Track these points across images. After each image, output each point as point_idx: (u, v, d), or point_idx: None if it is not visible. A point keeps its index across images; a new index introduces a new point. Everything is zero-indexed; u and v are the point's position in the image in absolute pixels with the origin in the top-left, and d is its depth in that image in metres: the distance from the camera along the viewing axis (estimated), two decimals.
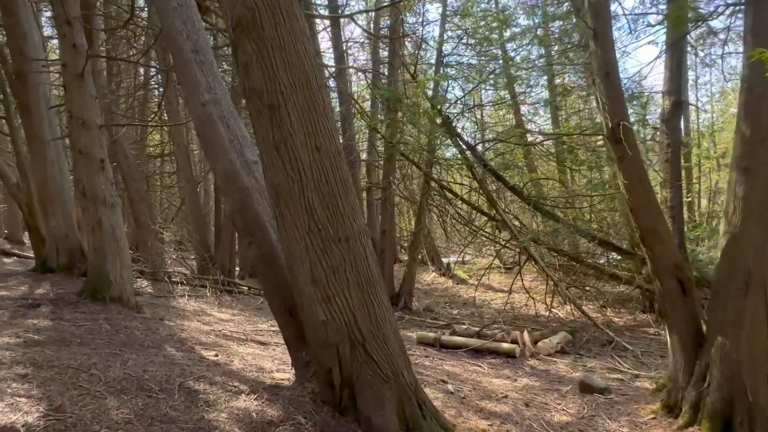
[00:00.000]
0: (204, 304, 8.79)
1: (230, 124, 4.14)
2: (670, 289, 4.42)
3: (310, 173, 3.12)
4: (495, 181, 10.65)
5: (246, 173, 4.00)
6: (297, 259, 3.22)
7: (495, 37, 10.81)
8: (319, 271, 3.18)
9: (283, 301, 3.80)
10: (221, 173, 4.01)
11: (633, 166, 4.48)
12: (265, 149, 3.17)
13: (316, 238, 3.15)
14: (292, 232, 3.19)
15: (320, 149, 3.14)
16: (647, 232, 4.46)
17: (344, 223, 3.19)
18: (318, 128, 3.14)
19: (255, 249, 3.86)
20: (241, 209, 3.90)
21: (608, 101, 4.51)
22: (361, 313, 3.24)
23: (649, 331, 9.40)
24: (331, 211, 3.16)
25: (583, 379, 5.63)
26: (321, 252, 3.16)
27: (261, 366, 4.73)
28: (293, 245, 3.21)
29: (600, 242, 10.22)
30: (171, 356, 4.58)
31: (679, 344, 4.40)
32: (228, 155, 4.00)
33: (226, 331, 6.50)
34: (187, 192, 12.53)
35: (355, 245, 3.23)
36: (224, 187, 4.00)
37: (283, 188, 3.15)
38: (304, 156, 3.11)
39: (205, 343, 5.44)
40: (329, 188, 3.15)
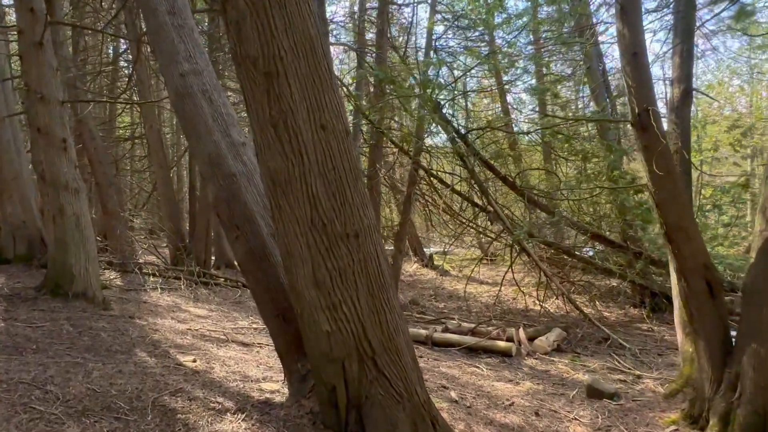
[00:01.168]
0: (178, 297, 8.18)
1: (214, 99, 3.58)
2: (698, 291, 4.06)
3: (313, 156, 2.61)
4: (485, 171, 10.27)
5: (232, 156, 3.46)
6: (297, 258, 2.71)
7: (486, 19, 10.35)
8: (323, 273, 2.68)
9: (276, 305, 3.29)
10: (203, 156, 3.45)
11: (661, 156, 4.08)
12: (259, 127, 2.64)
13: (321, 233, 2.65)
14: (291, 226, 2.68)
15: (326, 128, 2.63)
16: (674, 228, 4.09)
17: (353, 216, 2.70)
18: (323, 102, 2.63)
19: (243, 244, 3.33)
20: (227, 198, 3.36)
21: (635, 84, 4.10)
22: (372, 322, 2.76)
23: (642, 327, 9.19)
24: (339, 202, 2.66)
25: (591, 384, 5.29)
26: (326, 250, 2.66)
27: (246, 373, 4.22)
28: (292, 242, 2.70)
29: (592, 235, 9.95)
30: (143, 363, 4.02)
31: (706, 351, 4.06)
32: (211, 135, 3.45)
33: (204, 330, 5.94)
34: (159, 177, 11.79)
35: (366, 242, 2.74)
36: (207, 173, 3.45)
37: (282, 174, 2.63)
38: (306, 136, 2.60)
39: (182, 346, 4.88)
40: (336, 174, 2.65)
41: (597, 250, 10.81)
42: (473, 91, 11.86)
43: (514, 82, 15.00)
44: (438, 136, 11.86)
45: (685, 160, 6.35)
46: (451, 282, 14.90)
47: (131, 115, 17.99)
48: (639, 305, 10.33)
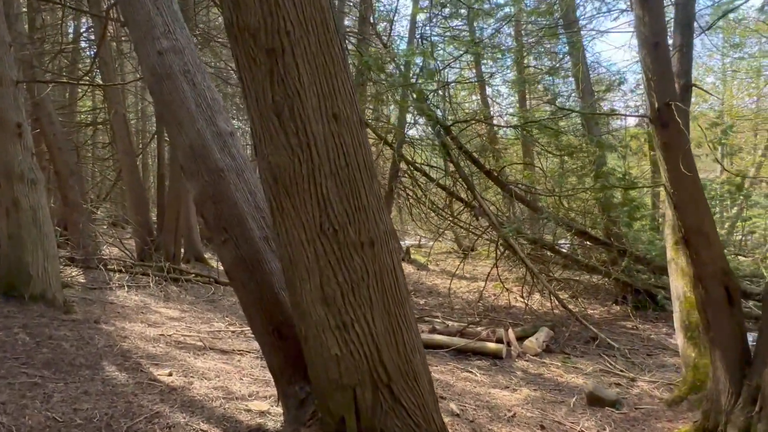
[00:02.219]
0: (147, 296, 7.62)
1: (197, 81, 3.12)
2: (716, 298, 3.84)
3: (324, 151, 2.21)
4: (469, 165, 9.98)
5: (219, 148, 3.01)
6: (302, 270, 2.32)
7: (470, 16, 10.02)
8: (333, 287, 2.30)
9: (270, 319, 2.88)
10: (185, 148, 2.99)
11: (680, 154, 3.82)
12: (259, 115, 2.23)
13: (331, 241, 2.26)
14: (295, 232, 2.28)
15: (338, 117, 2.24)
16: (693, 231, 3.84)
17: (368, 221, 2.32)
18: (336, 87, 2.23)
19: (231, 249, 2.90)
20: (213, 196, 2.92)
21: (656, 77, 3.82)
22: (387, 343, 2.39)
23: (627, 325, 9.11)
24: (353, 206, 2.27)
25: (592, 391, 5.06)
26: (337, 261, 2.28)
27: (229, 389, 3.80)
28: (297, 251, 2.30)
29: (577, 232, 9.81)
30: (112, 380, 3.56)
31: (723, 361, 3.85)
32: (195, 123, 3.00)
33: (178, 335, 5.45)
34: (125, 165, 11.07)
35: (381, 252, 2.36)
36: (189, 166, 2.99)
37: (286, 171, 2.22)
38: (316, 126, 2.19)
39: (155, 356, 4.41)
40: (350, 173, 2.26)
41: (576, 245, 10.70)
42: (458, 82, 11.52)
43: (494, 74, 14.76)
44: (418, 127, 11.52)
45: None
46: (429, 277, 14.64)
47: (93, 99, 17.00)
48: (621, 302, 10.27)
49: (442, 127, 9.31)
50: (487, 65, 15.29)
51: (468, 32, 12.87)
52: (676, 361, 7.08)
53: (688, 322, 5.33)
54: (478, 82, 14.50)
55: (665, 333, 8.73)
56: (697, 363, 4.99)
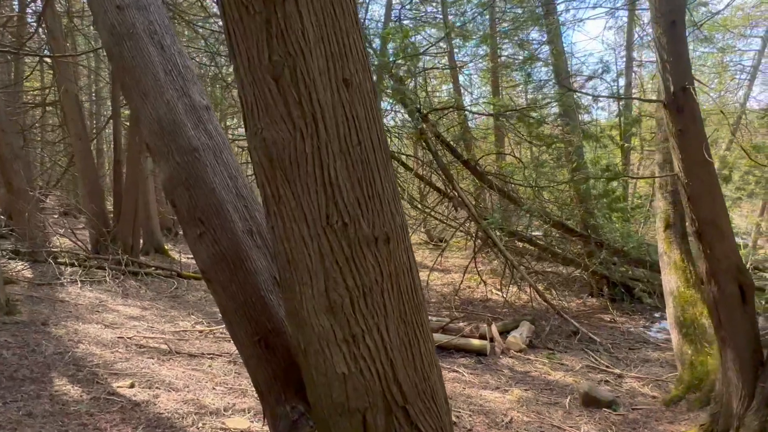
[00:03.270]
0: (104, 293, 6.98)
1: (166, 44, 2.62)
2: (729, 295, 3.63)
3: (333, 125, 1.79)
4: (446, 155, 9.66)
5: (193, 124, 2.54)
6: (303, 271, 1.89)
7: None
8: (342, 292, 1.89)
9: (256, 326, 2.45)
10: (152, 123, 2.51)
11: (696, 142, 3.57)
12: (251, 80, 1.78)
13: (340, 237, 1.84)
14: (296, 226, 1.85)
15: (350, 84, 1.81)
16: (707, 224, 3.61)
17: (383, 212, 1.91)
18: (347, 47, 1.81)
19: (209, 245, 2.45)
20: (186, 181, 2.45)
21: (672, 58, 3.54)
22: (403, 358, 2.01)
23: (605, 318, 9.04)
24: (365, 193, 1.86)
25: (588, 391, 4.83)
26: (346, 261, 1.86)
27: (201, 402, 3.34)
28: (297, 249, 1.88)
29: (554, 224, 9.65)
30: (62, 397, 3.04)
31: (736, 362, 3.65)
32: (163, 94, 2.51)
33: (139, 337, 4.91)
34: (77, 150, 10.23)
35: (398, 249, 1.96)
36: (157, 145, 2.51)
37: (285, 150, 1.79)
38: (323, 94, 1.77)
39: (114, 364, 3.89)
40: (362, 153, 1.85)
41: (552, 237, 10.57)
42: (437, 68, 11.16)
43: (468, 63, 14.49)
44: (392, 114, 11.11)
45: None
46: None
47: (42, 79, 15.81)
48: (597, 295, 10.23)
49: (420, 115, 8.95)
50: (460, 54, 15.02)
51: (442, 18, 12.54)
52: (660, 355, 6.99)
53: (682, 318, 5.17)
54: (451, 70, 14.19)
55: (643, 326, 8.69)
56: (694, 361, 4.82)
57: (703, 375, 4.65)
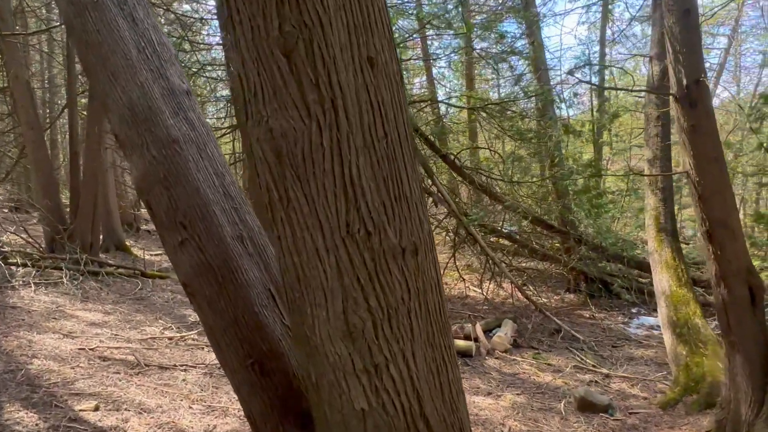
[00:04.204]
0: (61, 296, 6.43)
1: (138, 17, 2.23)
2: (739, 298, 3.49)
3: (356, 113, 1.47)
4: (425, 149, 9.41)
5: (172, 111, 2.17)
6: (316, 290, 1.58)
7: None
8: (363, 314, 1.58)
9: (248, 348, 2.11)
10: (122, 109, 2.12)
11: (708, 139, 3.40)
12: (255, 55, 1.45)
13: (362, 248, 1.53)
14: (308, 235, 1.53)
15: (375, 64, 1.50)
16: (718, 225, 3.45)
17: (411, 218, 1.61)
18: (372, 18, 1.50)
19: (192, 253, 2.09)
20: (165, 179, 2.08)
21: (685, 49, 3.35)
22: (431, 388, 1.72)
23: (584, 314, 9.00)
24: (392, 195, 1.56)
25: (584, 396, 4.67)
26: (369, 277, 1.56)
27: (178, 425, 2.98)
28: (310, 263, 1.55)
29: (533, 220, 9.55)
30: (14, 427, 2.62)
31: (745, 367, 3.51)
32: (136, 75, 2.13)
33: (103, 347, 4.46)
34: (29, 140, 9.49)
35: (426, 261, 1.67)
36: (128, 136, 2.13)
37: (298, 143, 1.46)
38: (344, 75, 1.45)
39: (74, 382, 3.46)
40: (389, 148, 1.54)
41: (530, 233, 10.49)
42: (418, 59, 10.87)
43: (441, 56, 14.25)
44: None
45: (665, 144, 5.90)
46: None
47: None
48: (574, 291, 10.20)
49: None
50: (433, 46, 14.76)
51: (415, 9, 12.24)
52: (643, 353, 6.94)
53: (675, 318, 5.07)
54: (425, 62, 13.93)
55: (622, 322, 8.67)
56: (690, 362, 4.72)
57: (699, 377, 4.55)
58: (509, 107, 8.54)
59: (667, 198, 5.59)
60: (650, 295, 9.48)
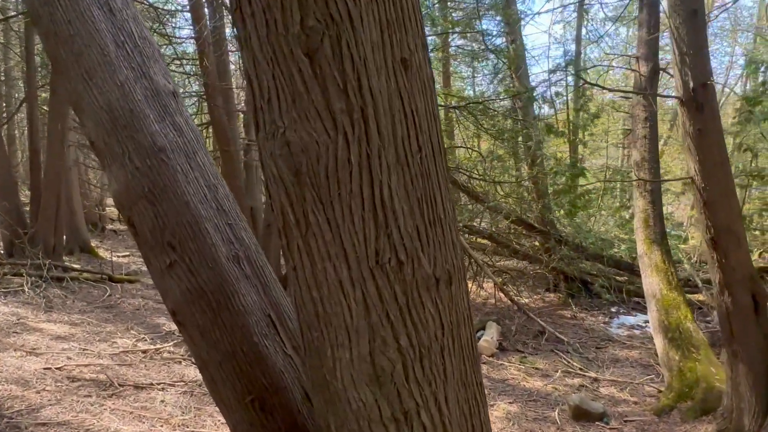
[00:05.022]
0: (22, 306, 5.99)
1: (116, 6, 1.96)
2: (743, 306, 3.42)
3: (388, 124, 1.26)
4: None
5: (157, 115, 1.90)
6: (339, 328, 1.36)
7: None
8: (393, 355, 1.37)
9: (247, 384, 1.88)
10: (99, 112, 1.85)
11: (714, 143, 3.31)
12: (272, 54, 1.22)
13: (393, 280, 1.33)
14: (330, 265, 1.32)
15: (409, 67, 1.30)
16: (723, 231, 3.37)
17: (445, 243, 1.42)
18: (406, 14, 1.29)
19: (182, 277, 1.84)
20: (150, 192, 1.83)
21: (692, 51, 3.24)
22: None
23: (566, 315, 8.99)
24: (427, 218, 1.35)
25: (579, 404, 4.57)
26: (400, 312, 1.35)
27: None
28: (332, 297, 1.34)
29: (514, 220, 9.50)
30: None
31: (749, 376, 3.45)
32: (115, 74, 1.86)
33: (71, 366, 4.12)
34: None
35: (459, 292, 1.48)
36: (106, 144, 1.86)
37: (321, 159, 1.25)
38: (376, 80, 1.24)
39: (41, 409, 3.14)
40: (424, 164, 1.34)
41: (511, 232, 10.45)
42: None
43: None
44: None
45: (653, 146, 5.85)
46: None
47: None
48: (554, 290, 10.20)
49: None
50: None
51: None
52: (627, 354, 6.94)
53: (667, 323, 5.02)
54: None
55: (603, 322, 8.70)
56: (683, 367, 4.67)
57: (693, 382, 4.50)
58: (491, 105, 8.42)
59: (656, 200, 5.55)
60: (628, 294, 9.55)
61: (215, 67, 8.13)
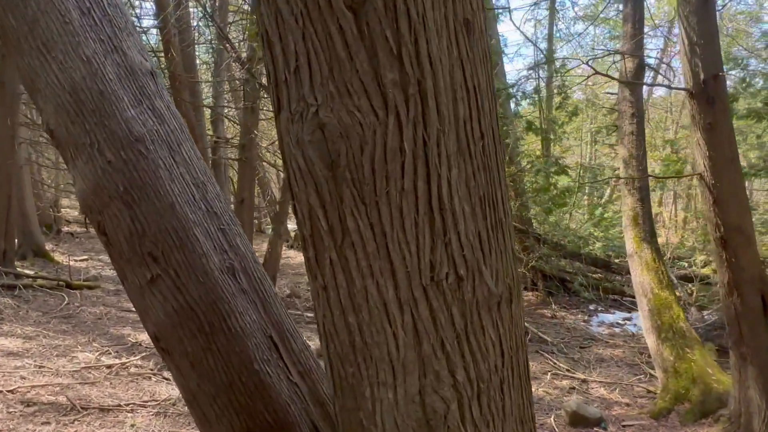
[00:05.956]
0: None
1: None
2: (752, 308, 3.30)
3: (448, 101, 0.99)
4: None
5: (132, 98, 1.58)
6: (381, 361, 1.08)
7: None
8: (448, 393, 1.11)
9: (248, 420, 1.58)
10: (60, 93, 1.51)
11: (725, 138, 3.17)
12: (303, 5, 0.92)
13: (451, 300, 1.06)
14: (372, 283, 1.04)
15: (472, 31, 1.02)
16: (733, 230, 3.24)
17: (506, 253, 1.16)
18: None
19: (167, 295, 1.52)
20: (126, 192, 1.50)
21: (702, 40, 3.09)
22: None
23: (546, 313, 8.92)
24: (489, 223, 1.09)
25: (576, 410, 4.41)
26: (457, 340, 1.09)
27: None
28: (373, 322, 1.06)
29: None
30: None
31: (758, 380, 3.33)
32: (80, 47, 1.52)
33: (26, 386, 3.67)
34: None
35: (517, 311, 1.23)
36: (70, 133, 1.52)
37: (367, 146, 0.96)
38: (436, 45, 0.96)
39: None
40: (485, 153, 1.07)
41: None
42: None
43: None
44: None
45: (640, 142, 5.76)
46: None
47: None
48: (531, 288, 10.14)
49: None
50: None
51: None
52: (611, 353, 6.87)
53: (660, 323, 4.92)
54: None
55: (584, 321, 8.65)
56: (678, 368, 4.57)
57: (689, 383, 4.40)
58: None
59: (644, 198, 5.46)
60: (606, 292, 9.56)
61: (181, 59, 7.67)
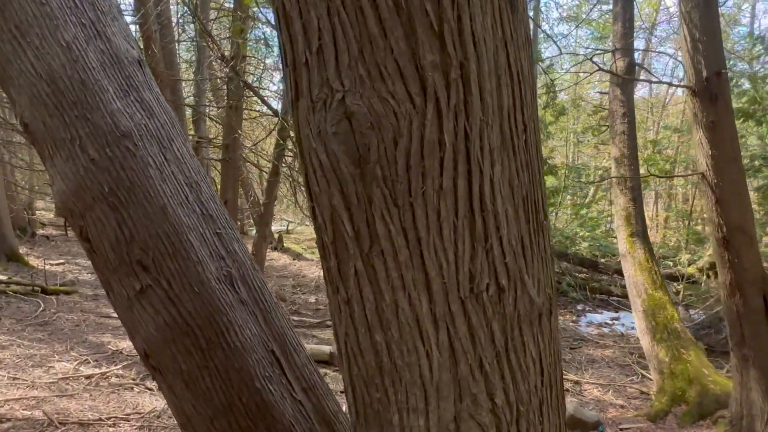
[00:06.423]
0: None
1: None
2: (755, 308, 3.26)
3: (492, 87, 0.86)
4: None
5: (118, 89, 1.42)
6: (412, 385, 0.95)
7: None
8: (486, 418, 0.98)
9: None
10: (36, 83, 1.34)
11: (728, 137, 3.12)
12: None
13: (491, 314, 0.94)
14: (404, 296, 0.90)
15: (516, 9, 0.90)
16: (735, 230, 3.19)
17: (546, 259, 1.04)
18: None
19: (159, 308, 1.37)
20: (112, 193, 1.34)
21: (705, 37, 3.03)
22: None
23: None
24: (531, 227, 0.97)
25: (573, 414, 4.33)
26: (497, 359, 0.96)
27: None
28: (404, 341, 0.93)
29: None
30: None
31: (761, 382, 3.29)
32: (59, 31, 1.36)
33: (0, 401, 3.45)
34: None
35: (556, 324, 1.11)
36: (47, 126, 1.35)
37: (400, 138, 0.83)
38: (480, 22, 0.83)
39: None
40: (528, 147, 0.95)
41: None
42: None
43: None
44: None
45: (632, 142, 5.74)
46: (310, 268, 13.33)
47: None
48: None
49: None
50: None
51: None
52: (602, 354, 6.84)
53: (654, 323, 4.88)
54: None
55: (572, 321, 8.63)
56: (674, 369, 4.53)
57: (685, 384, 4.37)
58: None
59: (637, 197, 5.43)
60: (593, 292, 9.56)
61: (162, 55, 7.44)
